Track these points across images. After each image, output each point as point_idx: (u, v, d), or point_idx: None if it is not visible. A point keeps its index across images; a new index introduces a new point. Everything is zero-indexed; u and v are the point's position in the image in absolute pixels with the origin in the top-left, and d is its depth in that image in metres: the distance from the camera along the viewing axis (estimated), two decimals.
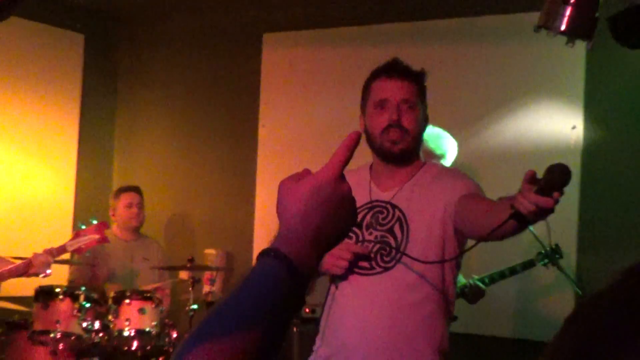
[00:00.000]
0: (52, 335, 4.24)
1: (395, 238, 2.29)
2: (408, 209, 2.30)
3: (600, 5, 2.59)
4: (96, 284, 4.83)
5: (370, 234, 2.32)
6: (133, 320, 4.24)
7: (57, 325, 4.25)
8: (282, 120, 5.56)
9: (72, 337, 4.28)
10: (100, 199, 5.93)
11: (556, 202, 1.76)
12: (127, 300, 4.27)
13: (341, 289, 2.38)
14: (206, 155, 5.83)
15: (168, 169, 6.05)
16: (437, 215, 2.21)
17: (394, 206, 2.33)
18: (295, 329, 4.52)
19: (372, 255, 2.29)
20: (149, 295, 4.37)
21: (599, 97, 4.55)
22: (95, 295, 4.39)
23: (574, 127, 4.51)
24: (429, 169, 2.42)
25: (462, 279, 3.96)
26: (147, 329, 4.26)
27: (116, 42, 6.33)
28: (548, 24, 2.59)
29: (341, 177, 0.96)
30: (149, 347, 4.33)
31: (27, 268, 4.09)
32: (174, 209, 6.09)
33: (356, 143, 0.98)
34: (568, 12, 2.51)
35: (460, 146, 4.03)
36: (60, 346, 4.25)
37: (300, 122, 5.60)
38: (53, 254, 4.15)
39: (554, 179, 1.82)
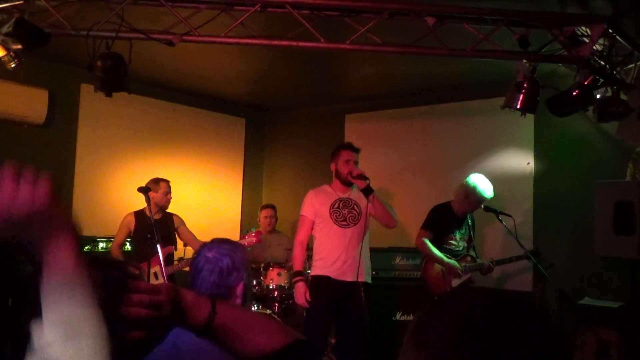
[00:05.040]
0: None
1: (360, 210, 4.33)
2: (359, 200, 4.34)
3: (540, 93, 3.99)
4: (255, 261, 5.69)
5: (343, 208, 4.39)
6: (275, 279, 5.34)
7: None
8: None
9: None
10: (255, 212, 7.05)
11: None
12: (271, 268, 5.38)
13: (329, 234, 4.33)
14: (310, 185, 6.47)
15: (290, 194, 7.19)
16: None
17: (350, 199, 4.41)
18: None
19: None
20: (283, 264, 5.42)
21: (543, 144, 5.59)
22: (253, 266, 5.34)
23: (528, 163, 5.62)
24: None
25: (478, 259, 4.92)
26: (282, 284, 5.32)
27: (263, 122, 7.76)
28: (509, 104, 4.00)
29: None
30: (284, 295, 5.33)
31: None
32: (295, 215, 6.44)
33: None
34: (521, 97, 3.96)
35: (460, 177, 5.06)
36: None
37: (364, 160, 6.15)
38: None
39: None
